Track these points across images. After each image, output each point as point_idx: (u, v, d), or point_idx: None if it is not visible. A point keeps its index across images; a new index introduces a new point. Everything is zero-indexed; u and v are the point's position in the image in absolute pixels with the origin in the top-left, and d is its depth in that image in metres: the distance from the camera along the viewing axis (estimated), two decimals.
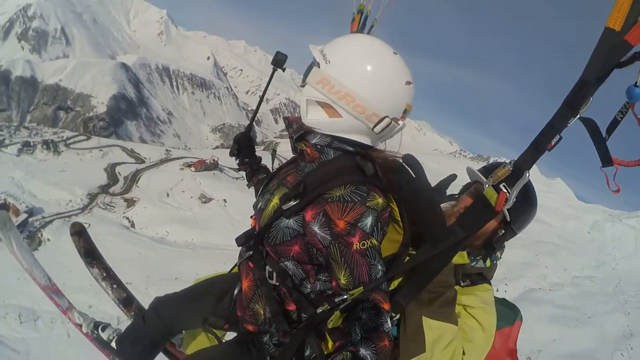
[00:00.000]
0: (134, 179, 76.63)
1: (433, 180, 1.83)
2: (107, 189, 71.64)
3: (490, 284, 1.82)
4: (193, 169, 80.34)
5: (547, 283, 41.57)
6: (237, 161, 2.07)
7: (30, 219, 59.08)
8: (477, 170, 1.81)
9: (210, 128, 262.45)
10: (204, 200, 68.22)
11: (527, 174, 1.11)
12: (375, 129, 1.34)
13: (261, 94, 1.91)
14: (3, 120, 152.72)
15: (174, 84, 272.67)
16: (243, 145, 2.03)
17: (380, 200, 1.33)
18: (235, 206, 62.40)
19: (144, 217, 62.09)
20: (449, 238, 1.29)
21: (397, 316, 1.50)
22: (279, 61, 1.70)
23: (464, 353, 1.56)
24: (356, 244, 1.26)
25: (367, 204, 1.29)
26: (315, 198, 1.34)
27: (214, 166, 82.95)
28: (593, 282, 43.32)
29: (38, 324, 29.31)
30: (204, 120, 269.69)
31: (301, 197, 1.36)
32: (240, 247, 1.67)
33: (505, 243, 1.84)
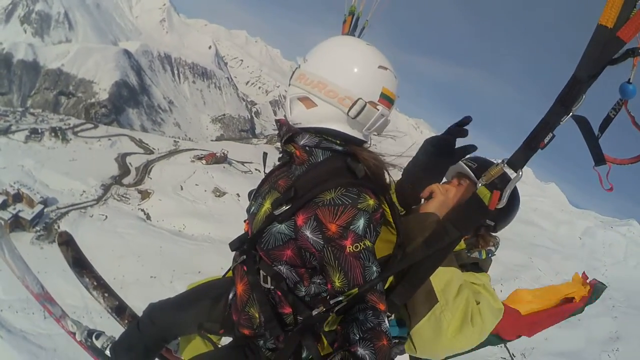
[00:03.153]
0: (145, 170, 76.83)
1: None
2: (120, 180, 71.73)
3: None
4: (204, 161, 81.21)
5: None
6: None
7: (45, 210, 58.71)
8: (464, 163, 1.77)
9: (210, 118, 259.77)
10: (217, 194, 68.86)
11: (520, 173, 1.10)
12: (350, 113, 1.35)
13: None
14: (4, 104, 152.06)
15: (175, 72, 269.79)
16: None
17: (371, 202, 1.32)
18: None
19: (159, 210, 62.40)
20: (443, 238, 1.30)
21: (393, 316, 1.53)
22: None
23: (478, 303, 1.54)
24: (349, 247, 1.26)
25: (359, 206, 1.29)
26: (306, 202, 1.33)
27: (223, 159, 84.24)
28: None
29: None
30: (204, 110, 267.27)
31: (292, 202, 1.35)
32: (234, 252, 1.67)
33: (501, 244, 1.86)
